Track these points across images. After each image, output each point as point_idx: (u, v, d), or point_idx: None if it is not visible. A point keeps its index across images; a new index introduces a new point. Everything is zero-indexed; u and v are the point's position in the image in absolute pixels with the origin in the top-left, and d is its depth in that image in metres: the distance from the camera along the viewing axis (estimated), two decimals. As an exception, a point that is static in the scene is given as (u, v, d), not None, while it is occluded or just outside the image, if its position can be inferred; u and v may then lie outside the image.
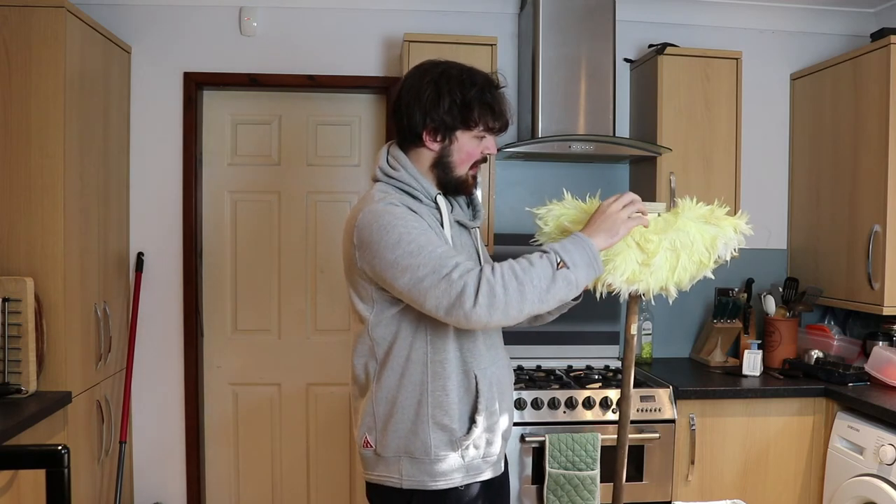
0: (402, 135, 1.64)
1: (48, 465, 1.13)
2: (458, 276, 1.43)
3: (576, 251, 1.46)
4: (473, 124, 1.59)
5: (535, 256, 1.46)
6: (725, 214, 1.67)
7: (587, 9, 2.81)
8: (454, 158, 1.61)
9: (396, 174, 1.62)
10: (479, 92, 1.58)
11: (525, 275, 1.42)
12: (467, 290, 1.41)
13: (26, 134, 2.33)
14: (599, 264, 1.48)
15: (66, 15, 2.34)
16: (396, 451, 1.60)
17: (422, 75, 1.61)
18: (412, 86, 1.61)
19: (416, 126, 1.59)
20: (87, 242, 2.56)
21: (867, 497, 2.38)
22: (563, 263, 1.44)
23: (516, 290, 1.41)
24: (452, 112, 1.56)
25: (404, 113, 1.60)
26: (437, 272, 1.44)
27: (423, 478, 1.59)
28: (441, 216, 1.62)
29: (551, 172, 3.14)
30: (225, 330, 3.14)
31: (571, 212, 1.69)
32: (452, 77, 1.58)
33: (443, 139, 1.60)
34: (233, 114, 3.12)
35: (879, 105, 2.70)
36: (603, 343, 3.13)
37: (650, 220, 1.63)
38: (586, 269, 1.46)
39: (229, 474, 3.15)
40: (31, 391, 2.26)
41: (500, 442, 1.69)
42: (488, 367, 1.65)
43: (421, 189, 1.61)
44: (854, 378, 2.70)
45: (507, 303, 1.41)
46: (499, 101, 1.61)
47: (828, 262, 3.02)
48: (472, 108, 1.57)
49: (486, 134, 1.63)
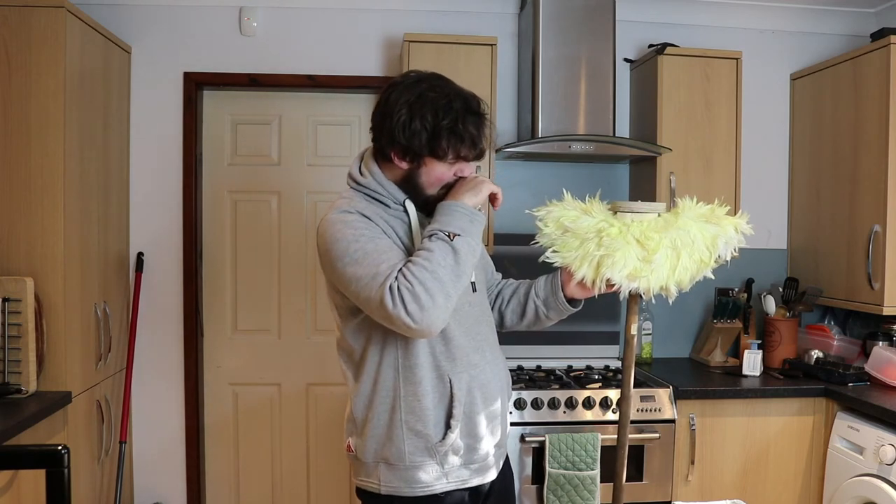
0: (375, 145, 1.61)
1: (48, 465, 1.13)
2: (387, 287, 1.40)
3: (454, 218, 1.49)
4: (442, 153, 1.53)
5: (427, 242, 1.46)
6: (725, 214, 1.67)
7: (587, 9, 2.81)
8: (423, 180, 1.57)
9: (364, 181, 1.60)
10: (452, 122, 1.51)
11: (430, 263, 1.42)
12: (396, 301, 1.39)
13: (26, 134, 2.33)
14: (477, 215, 1.51)
15: (66, 15, 2.34)
16: (374, 456, 1.60)
17: (400, 94, 1.54)
18: (389, 102, 1.55)
19: (385, 146, 1.55)
20: (87, 242, 2.56)
21: (867, 497, 2.38)
22: (452, 234, 1.46)
23: (432, 280, 1.40)
24: (420, 139, 1.51)
25: (376, 127, 1.57)
26: (375, 281, 1.42)
27: (400, 484, 1.58)
28: (410, 220, 1.59)
29: (551, 172, 3.14)
30: (225, 330, 3.14)
31: (571, 212, 1.69)
32: (427, 102, 1.51)
33: (411, 161, 1.55)
34: (233, 114, 3.12)
35: (879, 105, 2.70)
36: (603, 343, 3.13)
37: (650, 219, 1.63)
38: (471, 224, 1.49)
39: (229, 474, 3.15)
40: (31, 391, 2.26)
41: (488, 447, 1.65)
42: (465, 370, 1.60)
43: (388, 195, 1.59)
44: (854, 378, 2.70)
45: (432, 297, 1.39)
46: (472, 130, 1.53)
47: (828, 262, 3.02)
48: (440, 138, 1.51)
49: (458, 162, 1.57)
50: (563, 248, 1.66)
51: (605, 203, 1.73)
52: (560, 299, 1.73)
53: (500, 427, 1.69)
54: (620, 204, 1.68)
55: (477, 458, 1.62)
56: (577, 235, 1.64)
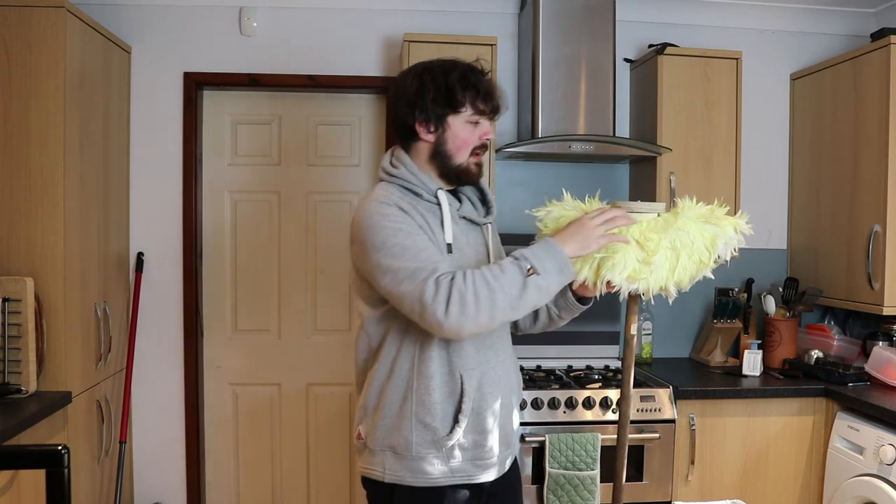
0: (399, 134, 1.67)
1: (48, 465, 1.13)
2: (432, 282, 1.44)
3: (546, 257, 1.48)
4: (461, 106, 1.61)
5: (507, 262, 1.48)
6: (725, 214, 1.67)
7: (587, 9, 2.81)
8: (449, 146, 1.63)
9: (397, 172, 1.64)
10: (462, 75, 1.60)
11: (496, 282, 1.44)
12: (439, 297, 1.43)
13: (26, 134, 2.33)
14: (570, 269, 1.51)
15: (66, 15, 2.34)
16: (382, 444, 1.62)
17: (406, 73, 1.67)
18: (399, 85, 1.66)
19: (408, 120, 1.62)
20: (87, 242, 2.56)
21: (867, 497, 2.38)
22: (533, 269, 1.46)
23: (487, 297, 1.43)
24: (438, 98, 1.59)
25: (396, 111, 1.64)
26: (415, 276, 1.46)
27: (404, 473, 1.60)
28: (441, 212, 1.62)
29: (551, 172, 3.14)
30: (225, 330, 3.14)
31: (571, 213, 1.69)
32: (435, 67, 1.62)
33: (435, 128, 1.62)
34: (233, 114, 3.12)
35: (879, 105, 2.70)
36: (603, 343, 3.13)
37: (649, 219, 1.63)
38: (557, 274, 1.49)
39: (229, 474, 3.15)
40: (31, 391, 2.26)
41: (496, 445, 1.66)
42: (477, 367, 1.63)
43: (421, 185, 1.62)
44: (854, 378, 2.70)
45: (477, 310, 1.43)
46: (484, 84, 1.63)
47: (828, 262, 3.02)
48: (455, 91, 1.59)
49: (479, 118, 1.64)
50: None
51: (604, 203, 1.74)
52: (570, 299, 1.74)
53: (509, 426, 1.71)
54: (620, 204, 1.68)
55: (483, 455, 1.64)
56: None
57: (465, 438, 1.61)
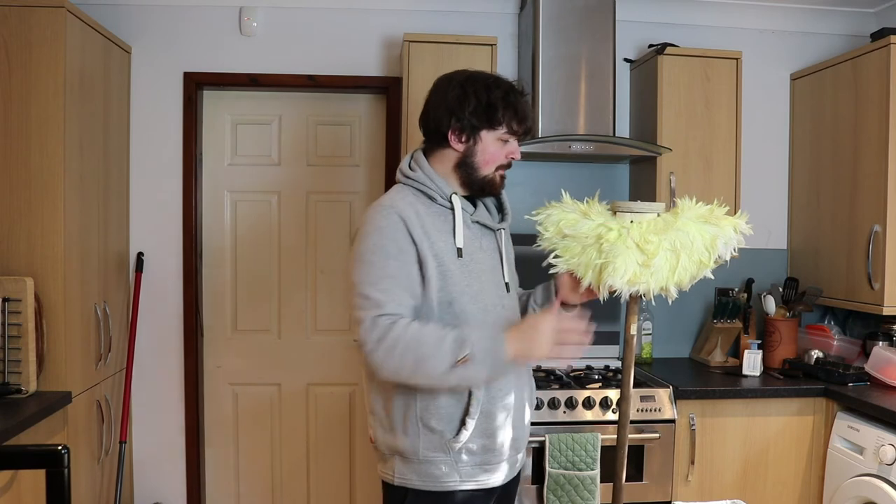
0: (428, 137, 1.70)
1: (48, 465, 1.13)
2: (371, 319, 1.51)
3: (486, 352, 1.50)
4: (498, 125, 1.63)
5: (450, 339, 1.49)
6: (725, 214, 1.67)
7: (587, 9, 2.81)
8: (478, 159, 1.66)
9: (413, 174, 1.67)
10: (504, 94, 1.63)
11: (427, 351, 1.48)
12: (373, 334, 1.50)
13: (26, 134, 2.33)
14: (503, 370, 1.54)
15: (66, 15, 2.34)
16: (390, 448, 1.64)
17: (448, 80, 1.67)
18: (439, 89, 1.67)
19: (443, 126, 1.63)
20: (87, 242, 2.56)
21: (867, 497, 2.38)
22: (467, 359, 1.48)
23: (413, 361, 1.48)
24: (478, 112, 1.62)
25: (431, 115, 1.66)
26: (365, 303, 1.52)
27: (412, 476, 1.61)
28: (454, 216, 1.63)
29: (551, 172, 3.14)
30: (225, 330, 3.14)
31: (570, 216, 1.69)
32: (479, 80, 1.65)
33: (467, 139, 1.64)
34: (233, 114, 3.12)
35: (879, 105, 2.70)
36: (603, 343, 3.13)
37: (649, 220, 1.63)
38: (487, 372, 1.51)
39: (229, 474, 3.15)
40: (31, 391, 2.26)
41: (504, 449, 1.66)
42: None
43: (436, 189, 1.64)
44: (854, 378, 2.70)
45: (399, 367, 1.50)
46: (522, 105, 1.67)
47: (828, 262, 3.02)
48: (497, 109, 1.62)
49: (510, 137, 1.67)
50: (564, 252, 1.67)
51: (604, 203, 1.74)
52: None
53: (521, 427, 1.72)
54: (620, 204, 1.68)
55: (492, 459, 1.64)
56: (577, 240, 1.65)
57: (473, 442, 1.61)
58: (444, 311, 1.59)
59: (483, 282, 1.65)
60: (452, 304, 1.59)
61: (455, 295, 1.59)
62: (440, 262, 1.59)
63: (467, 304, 1.60)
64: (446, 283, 1.59)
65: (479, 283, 1.64)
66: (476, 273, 1.64)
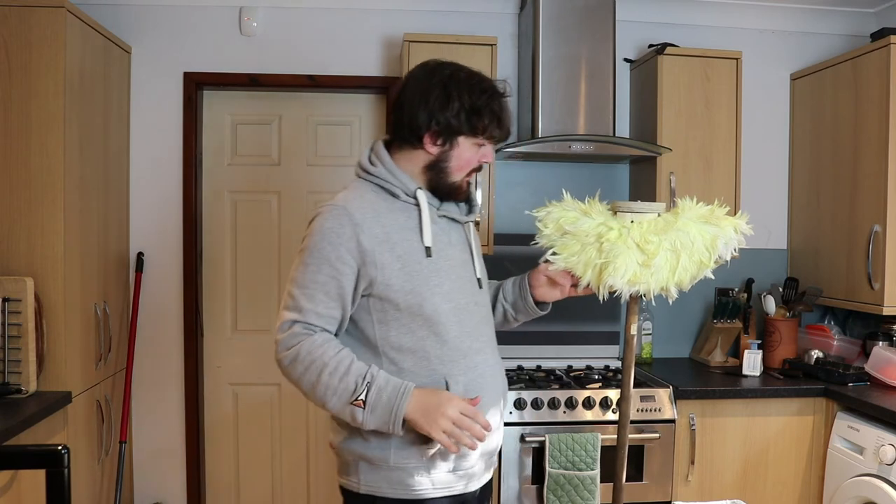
0: (400, 133, 1.58)
1: (48, 465, 1.13)
2: (289, 323, 1.48)
3: (386, 403, 1.43)
4: (480, 132, 1.55)
5: (355, 372, 1.44)
6: (725, 214, 1.67)
7: (587, 9, 2.81)
8: (452, 164, 1.57)
9: (374, 170, 1.57)
10: (489, 99, 1.54)
11: (323, 385, 1.44)
12: (285, 341, 1.48)
13: (26, 134, 2.33)
14: (396, 428, 1.45)
15: (66, 15, 2.34)
16: (355, 455, 1.55)
17: (429, 75, 1.56)
18: (419, 85, 1.55)
19: (420, 127, 1.53)
20: (87, 242, 2.56)
21: (867, 497, 2.38)
22: (363, 403, 1.43)
23: (312, 379, 1.45)
24: (460, 116, 1.52)
25: (407, 112, 1.55)
26: (292, 303, 1.50)
27: (381, 484, 1.53)
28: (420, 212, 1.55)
29: (551, 172, 3.14)
30: (225, 330, 3.14)
31: (571, 214, 1.69)
32: (462, 81, 1.54)
33: (444, 143, 1.55)
34: (233, 114, 3.12)
35: (879, 105, 2.70)
36: (603, 343, 3.13)
37: (649, 220, 1.63)
38: (378, 422, 1.45)
39: (229, 474, 3.15)
40: (31, 391, 2.26)
41: (478, 454, 1.57)
42: (464, 373, 1.55)
43: (399, 185, 1.55)
44: (854, 378, 2.70)
45: (298, 380, 1.48)
46: (505, 112, 1.59)
47: (828, 262, 3.02)
48: (481, 115, 1.53)
49: (487, 142, 1.59)
50: (563, 249, 1.66)
51: (604, 203, 1.74)
52: (529, 303, 1.74)
53: (494, 433, 1.61)
54: (620, 204, 1.68)
55: (465, 465, 1.56)
56: (577, 238, 1.64)
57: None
58: (414, 316, 1.51)
59: (454, 279, 1.57)
60: (423, 305, 1.50)
61: (426, 295, 1.51)
62: (405, 262, 1.50)
63: (440, 303, 1.52)
64: (415, 285, 1.50)
65: (450, 282, 1.55)
66: (446, 270, 1.55)
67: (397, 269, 1.49)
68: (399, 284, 1.49)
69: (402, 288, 1.49)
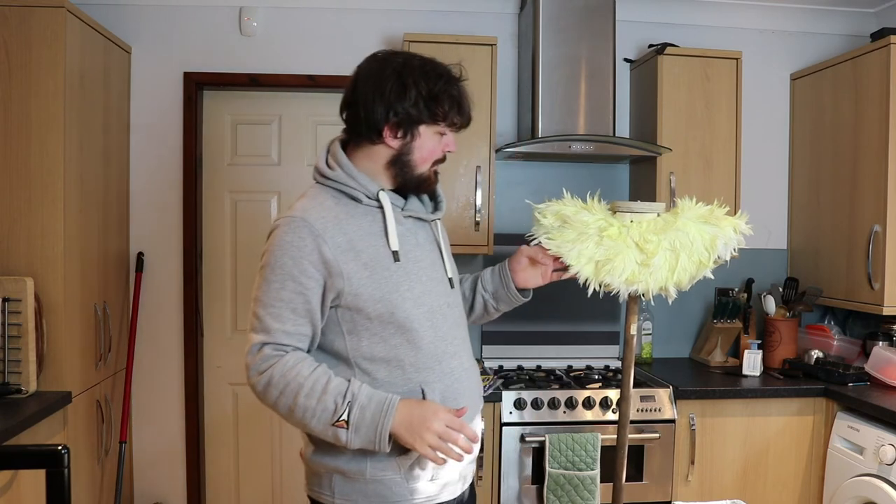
0: (357, 130, 1.50)
1: (48, 465, 1.13)
2: (258, 345, 1.40)
3: (370, 422, 1.36)
4: (440, 119, 1.48)
5: (333, 391, 1.36)
6: (725, 214, 1.67)
7: (587, 9, 2.81)
8: (415, 156, 1.50)
9: (332, 174, 1.49)
10: (447, 84, 1.47)
11: (301, 408, 1.36)
12: (257, 364, 1.39)
13: (26, 134, 2.33)
14: (383, 446, 1.37)
15: (66, 15, 2.34)
16: (328, 467, 1.48)
17: (381, 66, 1.49)
18: (372, 78, 1.48)
19: (378, 121, 1.45)
20: (87, 242, 2.56)
21: (867, 497, 2.38)
22: (345, 424, 1.36)
23: (285, 410, 1.38)
24: (418, 105, 1.45)
25: (362, 108, 1.47)
26: (259, 325, 1.41)
27: (357, 497, 1.46)
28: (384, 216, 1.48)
29: (551, 172, 3.14)
30: (225, 330, 3.14)
31: (570, 208, 1.69)
32: (416, 68, 1.47)
33: (405, 135, 1.47)
34: (233, 114, 3.12)
35: (879, 105, 2.70)
36: (603, 343, 3.13)
37: (649, 220, 1.63)
38: (363, 441, 1.38)
39: (229, 474, 3.15)
40: (31, 391, 2.26)
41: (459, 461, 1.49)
42: (440, 379, 1.49)
43: (359, 188, 1.48)
44: (854, 378, 2.70)
45: (273, 407, 1.40)
46: (464, 96, 1.51)
47: (828, 262, 3.02)
48: (441, 101, 1.46)
49: (448, 130, 1.52)
50: (558, 236, 1.65)
51: (604, 203, 1.74)
52: (512, 291, 1.69)
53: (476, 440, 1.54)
54: (620, 204, 1.69)
55: (444, 473, 1.51)
56: (574, 228, 1.64)
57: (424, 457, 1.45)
58: (385, 325, 1.44)
59: (425, 281, 1.50)
60: (395, 313, 1.44)
61: (397, 302, 1.44)
62: (373, 270, 1.43)
63: (411, 309, 1.45)
64: (385, 292, 1.43)
65: (420, 284, 1.48)
66: (416, 273, 1.48)
67: (365, 277, 1.43)
68: (368, 293, 1.42)
69: (371, 296, 1.43)
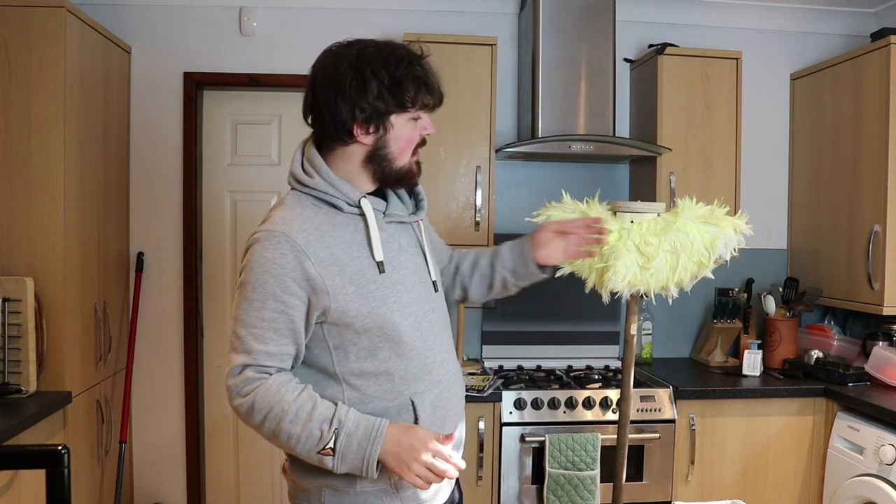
0: (326, 133, 1.41)
1: (48, 465, 1.13)
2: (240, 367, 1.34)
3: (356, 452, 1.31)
4: (410, 104, 1.38)
5: (319, 419, 1.31)
6: (725, 214, 1.67)
7: (587, 9, 2.81)
8: (392, 149, 1.41)
9: (311, 182, 1.40)
10: (408, 67, 1.37)
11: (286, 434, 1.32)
12: (238, 387, 1.33)
13: (26, 134, 2.33)
14: (371, 472, 1.32)
15: (66, 15, 2.34)
16: (316, 482, 1.41)
17: (336, 62, 1.38)
18: (329, 76, 1.38)
19: (345, 121, 1.36)
20: (87, 242, 2.56)
21: (867, 497, 2.38)
22: (331, 451, 1.31)
23: (270, 432, 1.34)
24: (383, 95, 1.35)
25: (325, 108, 1.37)
26: (240, 345, 1.34)
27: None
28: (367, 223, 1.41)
29: (551, 172, 3.14)
30: (225, 330, 3.14)
31: (571, 216, 1.69)
32: (373, 56, 1.36)
33: (376, 129, 1.38)
34: (233, 114, 3.12)
35: (879, 105, 2.70)
36: (603, 343, 3.13)
37: (649, 220, 1.63)
38: (349, 468, 1.33)
39: (229, 474, 3.15)
40: (31, 391, 2.26)
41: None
42: (430, 389, 1.44)
43: (340, 196, 1.39)
44: (854, 378, 2.70)
45: (258, 430, 1.36)
46: (430, 74, 1.41)
47: (828, 262, 3.02)
48: (406, 86, 1.36)
49: (422, 113, 1.42)
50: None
51: (604, 203, 1.74)
52: (532, 268, 1.64)
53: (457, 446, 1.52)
54: (620, 204, 1.69)
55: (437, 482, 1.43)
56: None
57: None
58: (374, 339, 1.39)
59: (410, 289, 1.44)
60: (384, 326, 1.38)
61: (385, 315, 1.38)
62: (358, 284, 1.36)
63: (399, 321, 1.39)
64: (373, 307, 1.37)
65: (406, 293, 1.42)
66: (402, 282, 1.42)
67: (351, 292, 1.36)
68: (356, 309, 1.36)
69: (359, 312, 1.36)
